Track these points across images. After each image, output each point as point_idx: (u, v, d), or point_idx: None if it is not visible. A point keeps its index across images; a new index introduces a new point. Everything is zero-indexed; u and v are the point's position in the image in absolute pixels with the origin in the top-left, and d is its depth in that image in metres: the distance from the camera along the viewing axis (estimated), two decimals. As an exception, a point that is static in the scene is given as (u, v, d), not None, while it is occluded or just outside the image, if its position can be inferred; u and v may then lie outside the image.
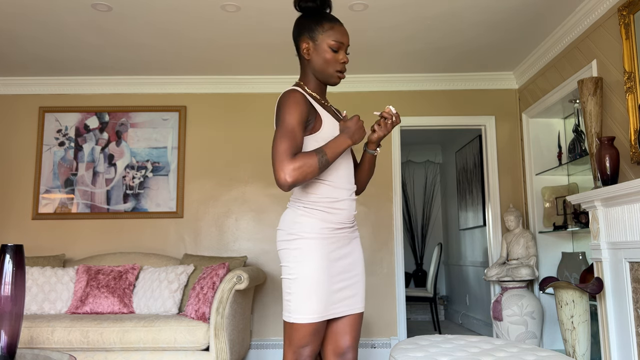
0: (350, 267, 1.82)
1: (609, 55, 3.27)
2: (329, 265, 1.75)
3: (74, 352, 3.45)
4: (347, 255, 1.82)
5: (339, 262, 1.78)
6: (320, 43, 1.80)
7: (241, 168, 4.69)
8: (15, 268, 2.11)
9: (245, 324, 4.01)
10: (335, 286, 1.75)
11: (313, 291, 1.70)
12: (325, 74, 1.83)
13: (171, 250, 4.57)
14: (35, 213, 4.57)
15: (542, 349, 2.18)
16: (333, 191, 1.78)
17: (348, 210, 1.81)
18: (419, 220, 7.51)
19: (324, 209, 1.77)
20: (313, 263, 1.72)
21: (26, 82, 4.71)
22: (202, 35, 3.85)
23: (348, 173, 1.84)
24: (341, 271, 1.78)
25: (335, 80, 1.84)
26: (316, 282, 1.71)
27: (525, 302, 4.00)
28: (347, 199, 1.81)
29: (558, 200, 4.28)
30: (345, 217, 1.80)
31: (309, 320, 1.70)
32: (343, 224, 1.80)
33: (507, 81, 4.77)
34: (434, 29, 3.79)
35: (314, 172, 1.66)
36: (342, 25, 1.84)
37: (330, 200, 1.78)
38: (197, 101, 4.77)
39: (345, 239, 1.82)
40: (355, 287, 1.82)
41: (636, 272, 2.72)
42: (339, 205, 1.78)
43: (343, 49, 1.82)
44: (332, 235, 1.77)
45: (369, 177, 2.00)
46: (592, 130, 3.31)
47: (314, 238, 1.74)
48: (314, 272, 1.72)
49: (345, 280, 1.79)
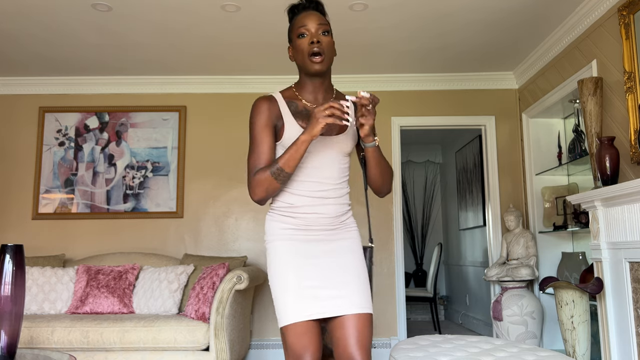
0: (333, 267, 1.73)
1: (609, 55, 3.27)
2: (297, 264, 1.70)
3: (74, 352, 3.45)
4: (325, 254, 1.74)
5: (311, 261, 1.72)
6: (293, 41, 1.76)
7: (241, 168, 4.68)
8: (15, 268, 2.11)
9: (245, 324, 4.01)
10: (308, 283, 1.69)
11: (285, 291, 1.69)
12: (304, 67, 1.75)
13: (171, 250, 4.57)
14: (35, 213, 4.57)
15: (542, 349, 2.18)
16: (290, 197, 1.74)
17: (318, 215, 1.74)
18: (419, 220, 7.51)
19: (283, 213, 1.76)
20: (279, 264, 1.72)
21: (26, 82, 4.71)
22: (202, 35, 3.85)
23: (317, 177, 1.74)
24: (318, 270, 1.71)
25: (312, 67, 1.72)
26: (284, 282, 1.69)
27: (525, 302, 4.00)
28: (311, 205, 1.74)
29: (558, 200, 4.28)
30: (312, 221, 1.74)
31: (291, 321, 1.65)
32: (310, 227, 1.74)
33: (507, 81, 4.77)
34: (434, 28, 3.79)
35: (273, 185, 1.66)
36: (308, 9, 1.78)
37: (287, 205, 1.75)
38: (197, 101, 4.77)
39: (321, 241, 1.75)
40: (345, 288, 1.71)
41: (636, 272, 2.72)
42: (300, 211, 1.74)
43: (309, 33, 1.72)
44: (298, 236, 1.74)
45: (383, 173, 1.81)
46: (592, 130, 3.31)
47: (276, 240, 1.75)
48: (282, 273, 1.71)
49: (324, 280, 1.71)
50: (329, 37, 1.75)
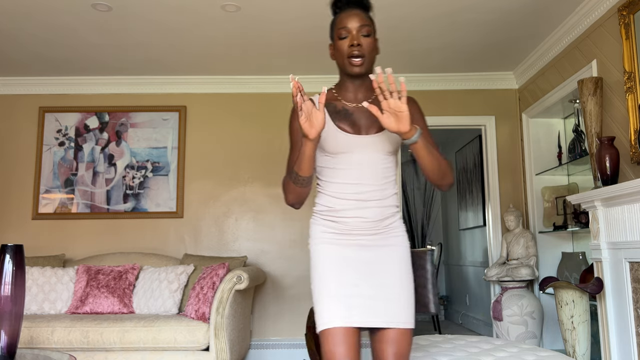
0: (376, 275, 1.65)
1: (609, 55, 3.27)
2: (338, 270, 1.64)
3: (74, 352, 3.45)
4: (367, 261, 1.66)
5: (352, 267, 1.65)
6: (335, 40, 1.72)
7: (241, 168, 4.69)
8: (15, 268, 2.11)
9: (245, 324, 4.01)
10: (347, 291, 1.61)
11: (323, 296, 1.62)
12: (343, 68, 1.71)
13: (171, 250, 4.57)
14: (35, 213, 4.57)
15: (542, 349, 2.18)
16: (330, 200, 1.71)
17: (359, 218, 1.67)
18: (419, 220, 7.51)
19: (324, 216, 1.72)
20: (319, 268, 1.67)
21: (26, 82, 4.71)
22: (202, 35, 3.85)
23: (356, 179, 1.68)
24: (358, 276, 1.64)
25: (351, 69, 1.68)
26: (323, 286, 1.63)
27: (525, 302, 4.00)
28: (351, 208, 1.67)
29: (558, 200, 4.28)
30: (353, 226, 1.68)
31: (326, 326, 1.57)
32: (351, 232, 1.68)
33: (507, 81, 4.77)
34: (434, 28, 3.79)
35: (296, 189, 1.65)
36: (351, 8, 1.71)
37: (327, 209, 1.71)
38: (197, 101, 4.77)
39: (363, 246, 1.68)
40: (386, 300, 1.62)
41: (636, 272, 2.72)
42: (340, 214, 1.69)
43: (350, 35, 1.67)
44: (340, 240, 1.68)
45: (434, 167, 1.64)
46: (592, 130, 3.31)
47: (318, 244, 1.71)
48: (321, 277, 1.65)
49: (366, 288, 1.62)
50: (370, 39, 1.69)
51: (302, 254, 4.58)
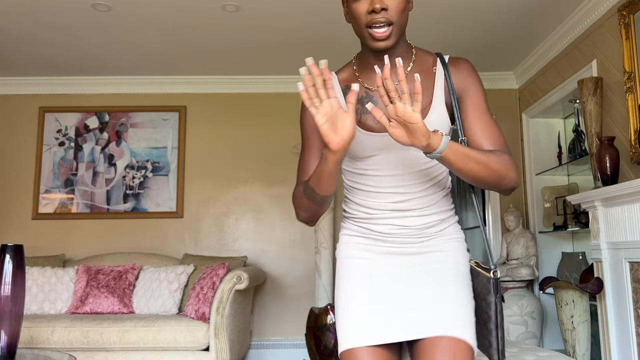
0: (419, 279, 1.35)
1: (609, 55, 3.27)
2: (366, 283, 1.36)
3: (74, 352, 3.45)
4: (410, 265, 1.37)
5: (387, 275, 1.36)
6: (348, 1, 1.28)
7: (241, 168, 4.68)
8: (15, 268, 2.11)
9: (245, 324, 4.01)
10: (376, 308, 1.33)
11: (344, 313, 1.35)
12: (361, 37, 1.28)
13: (171, 250, 4.57)
14: (35, 213, 4.57)
15: (542, 349, 2.18)
16: (359, 209, 1.40)
17: (396, 226, 1.35)
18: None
19: (355, 222, 1.41)
20: (342, 280, 1.39)
21: (26, 82, 4.71)
22: (202, 35, 3.85)
23: (391, 187, 1.34)
24: (394, 286, 1.35)
25: (374, 44, 1.23)
26: (344, 301, 1.37)
27: (525, 302, 4.00)
28: (388, 218, 1.35)
29: (558, 200, 4.28)
30: (391, 234, 1.36)
31: (344, 347, 1.31)
32: (388, 239, 1.37)
33: (507, 81, 4.77)
34: (433, 28, 3.79)
35: (310, 207, 1.30)
36: None
37: (358, 217, 1.40)
38: (197, 101, 4.77)
39: (402, 254, 1.37)
40: (427, 310, 1.30)
41: (636, 272, 2.72)
42: (373, 223, 1.37)
43: None
44: (374, 247, 1.38)
45: (480, 175, 1.20)
46: (592, 130, 3.31)
47: (345, 250, 1.41)
48: (344, 290, 1.37)
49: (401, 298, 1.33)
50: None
51: (302, 254, 4.58)
